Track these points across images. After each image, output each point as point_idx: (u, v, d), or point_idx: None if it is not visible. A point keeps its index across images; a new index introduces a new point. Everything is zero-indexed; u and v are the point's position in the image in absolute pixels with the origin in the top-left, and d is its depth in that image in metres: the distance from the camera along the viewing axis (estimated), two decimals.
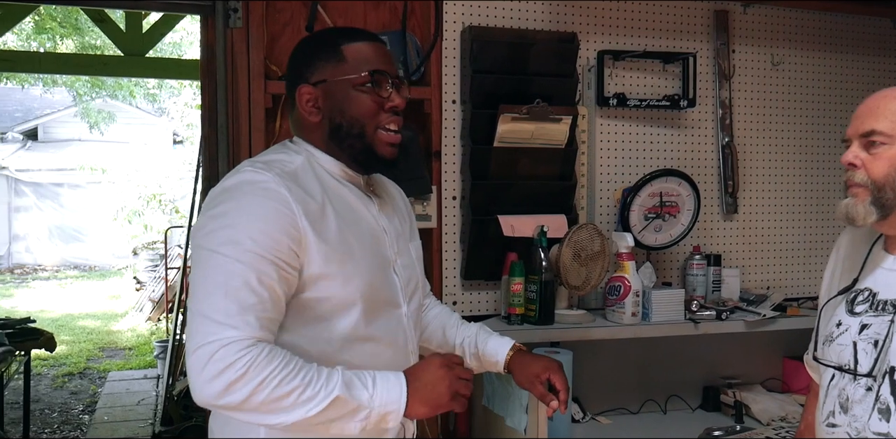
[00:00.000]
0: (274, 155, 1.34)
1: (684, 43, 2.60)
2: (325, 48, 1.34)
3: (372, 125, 1.33)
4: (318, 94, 1.33)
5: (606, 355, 2.52)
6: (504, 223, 2.33)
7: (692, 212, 2.50)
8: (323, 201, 1.27)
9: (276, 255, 1.18)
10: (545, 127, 2.34)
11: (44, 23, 10.59)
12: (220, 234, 1.18)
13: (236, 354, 1.10)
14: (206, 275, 1.17)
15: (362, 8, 2.35)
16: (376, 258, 1.33)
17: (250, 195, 1.20)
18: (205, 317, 1.13)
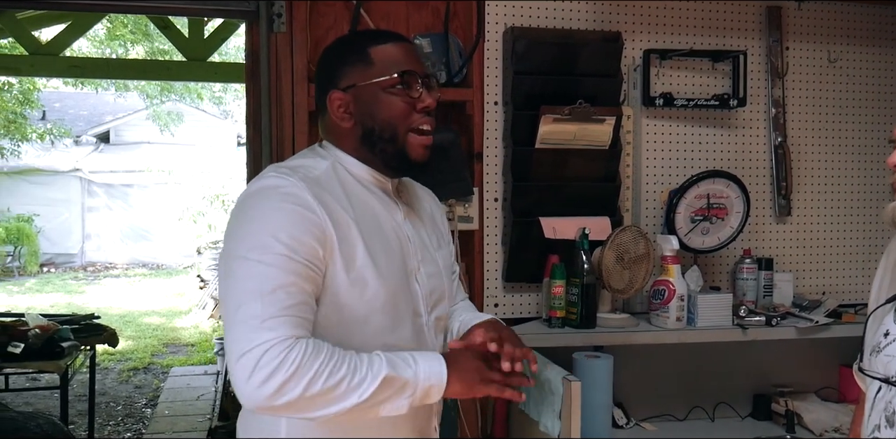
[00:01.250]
0: (300, 160, 1.34)
1: (734, 40, 2.53)
2: (353, 52, 1.33)
3: (404, 127, 1.32)
4: (349, 100, 1.32)
5: (651, 360, 2.47)
6: (546, 225, 2.31)
7: (741, 215, 2.43)
8: (346, 208, 1.26)
9: (305, 257, 1.17)
10: (588, 128, 2.31)
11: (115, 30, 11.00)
12: (248, 240, 1.18)
13: (281, 355, 1.10)
14: (237, 281, 1.17)
15: (405, 10, 2.36)
16: (398, 267, 1.32)
17: (275, 200, 1.20)
18: (243, 324, 1.13)
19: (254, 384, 1.09)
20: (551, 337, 2.21)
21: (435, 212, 1.54)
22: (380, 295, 1.26)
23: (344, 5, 2.31)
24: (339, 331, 1.24)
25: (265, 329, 1.11)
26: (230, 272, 1.18)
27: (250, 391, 1.10)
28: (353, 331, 1.26)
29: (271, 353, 1.10)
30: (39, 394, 5.50)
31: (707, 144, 2.52)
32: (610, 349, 2.29)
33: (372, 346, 1.25)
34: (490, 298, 2.38)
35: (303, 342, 1.13)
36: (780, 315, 2.36)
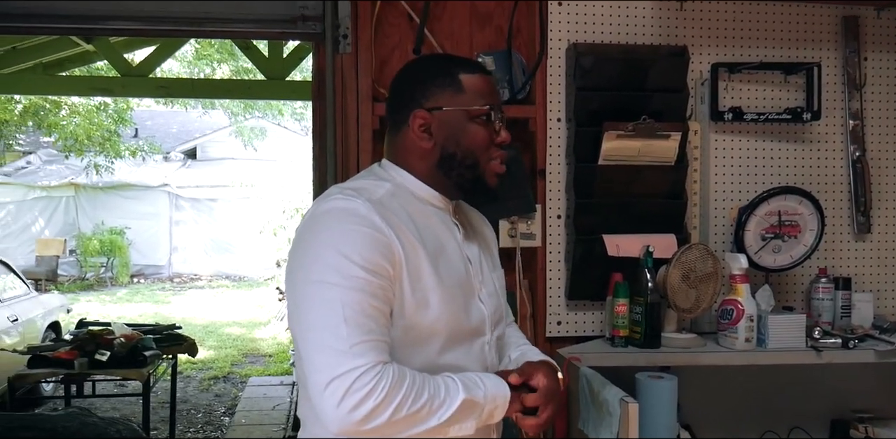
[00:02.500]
0: (362, 181, 1.35)
1: (807, 52, 2.45)
2: (442, 75, 1.34)
3: (485, 157, 1.34)
4: (433, 120, 1.32)
5: (720, 382, 2.39)
6: (609, 242, 2.28)
7: (815, 232, 2.34)
8: (411, 229, 1.26)
9: (377, 279, 1.18)
10: (653, 143, 2.27)
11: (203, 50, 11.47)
12: (323, 264, 1.18)
13: (371, 382, 1.11)
14: (318, 306, 1.16)
15: (468, 29, 2.39)
16: (462, 287, 1.32)
17: (345, 222, 1.20)
18: (329, 349, 1.13)
19: (344, 409, 1.10)
20: (614, 356, 2.18)
21: (487, 234, 1.55)
22: (445, 315, 1.27)
23: (408, 25, 2.35)
24: (406, 351, 1.24)
25: (354, 354, 1.12)
26: (308, 295, 1.18)
27: (341, 416, 1.11)
28: (419, 351, 1.26)
29: (363, 380, 1.10)
30: (126, 400, 5.75)
31: (779, 159, 2.44)
32: (676, 370, 2.23)
33: (435, 365, 1.26)
34: (553, 316, 2.36)
35: (390, 368, 1.14)
36: (858, 337, 2.26)
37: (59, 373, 3.93)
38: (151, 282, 12.82)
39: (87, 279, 12.38)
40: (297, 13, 2.18)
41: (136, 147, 12.08)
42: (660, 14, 2.37)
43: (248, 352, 7.89)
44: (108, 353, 4.00)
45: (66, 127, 10.98)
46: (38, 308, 5.87)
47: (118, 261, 12.43)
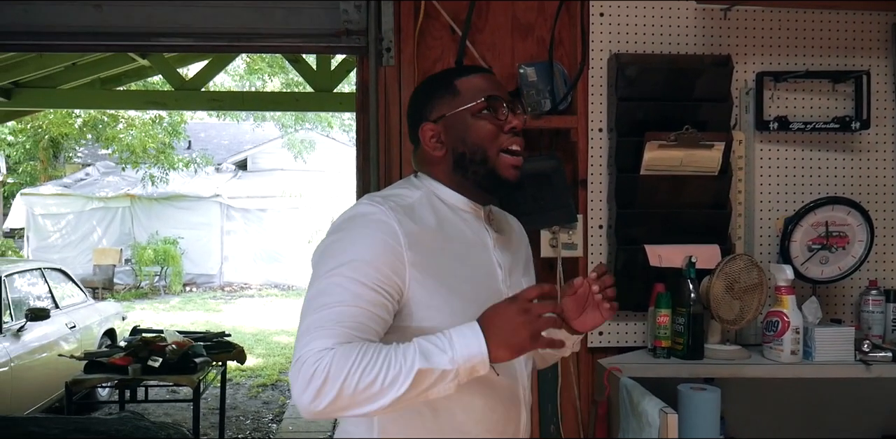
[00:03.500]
0: (395, 189, 1.41)
1: (856, 60, 2.41)
2: (440, 86, 1.41)
3: (494, 148, 1.37)
4: (440, 129, 1.39)
5: (765, 394, 2.36)
6: (651, 253, 2.27)
7: (864, 244, 2.29)
8: (436, 235, 1.31)
9: (377, 283, 1.22)
10: (695, 153, 2.26)
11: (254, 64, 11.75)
12: (330, 262, 1.26)
13: (315, 364, 1.14)
14: (311, 297, 1.24)
15: (510, 40, 2.41)
16: (488, 291, 1.35)
17: (361, 227, 1.27)
18: (301, 334, 1.19)
19: (297, 391, 1.15)
20: (656, 367, 2.16)
21: (523, 240, 1.58)
22: (466, 319, 1.27)
23: (450, 38, 2.39)
24: None
25: (315, 338, 1.17)
26: (311, 286, 1.26)
27: (296, 398, 1.16)
28: None
29: (308, 363, 1.14)
30: (177, 406, 5.87)
31: (826, 169, 2.40)
32: (719, 382, 2.20)
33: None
34: None
35: (335, 349, 1.15)
36: None
37: (113, 379, 4.05)
38: (203, 291, 13.09)
39: (141, 288, 12.71)
40: (341, 28, 2.23)
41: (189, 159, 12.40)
42: (703, 23, 2.36)
43: None
44: (161, 360, 4.12)
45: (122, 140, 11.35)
46: (95, 315, 6.05)
47: (171, 270, 12.73)
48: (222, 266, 13.48)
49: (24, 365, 4.72)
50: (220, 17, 2.20)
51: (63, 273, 6.08)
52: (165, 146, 11.84)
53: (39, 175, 14.34)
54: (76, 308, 5.85)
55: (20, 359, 4.67)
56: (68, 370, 5.20)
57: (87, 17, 2.17)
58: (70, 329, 5.45)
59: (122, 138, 11.36)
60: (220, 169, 14.91)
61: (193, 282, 13.27)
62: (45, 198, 13.06)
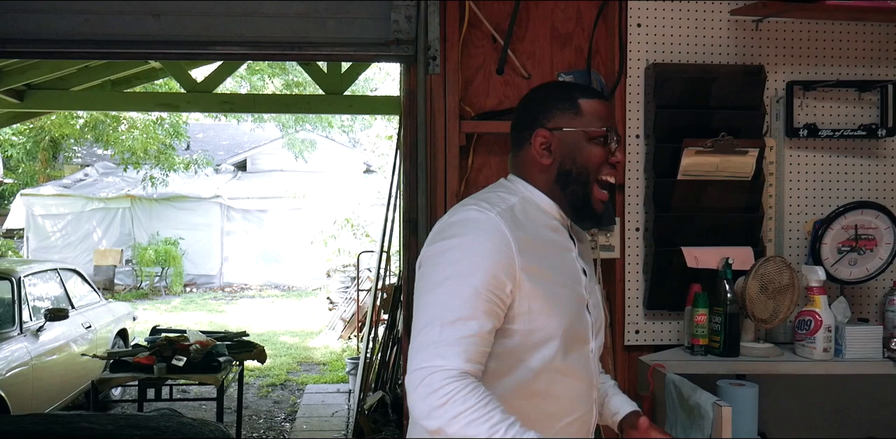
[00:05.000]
0: (493, 194, 1.46)
1: (882, 70, 2.52)
2: (563, 99, 1.47)
3: (595, 175, 1.45)
4: (553, 139, 1.45)
5: (796, 391, 2.45)
6: (688, 254, 2.37)
7: (891, 246, 2.39)
8: (535, 241, 1.38)
9: (493, 291, 1.30)
10: (730, 159, 2.36)
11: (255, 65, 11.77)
12: (446, 269, 1.32)
13: (441, 382, 1.23)
14: (428, 304, 1.32)
15: (549, 49, 2.50)
16: (575, 296, 1.44)
17: (475, 233, 1.34)
18: (422, 345, 1.28)
19: (416, 398, 1.25)
20: (694, 364, 2.25)
21: (591, 251, 1.67)
22: (562, 322, 1.38)
23: (491, 47, 2.48)
24: (522, 354, 1.36)
25: (437, 356, 1.26)
26: (425, 292, 1.34)
27: (413, 402, 1.26)
28: (534, 355, 1.37)
29: (432, 378, 1.24)
30: (188, 405, 5.93)
31: (854, 175, 2.50)
32: (752, 378, 2.30)
33: (548, 369, 1.37)
34: (631, 325, 2.44)
35: (465, 380, 1.24)
36: None
37: (139, 377, 4.11)
38: (203, 292, 13.11)
39: (142, 288, 12.73)
40: (391, 37, 2.31)
41: (189, 160, 12.42)
42: (736, 34, 2.46)
43: (302, 360, 8.06)
44: (185, 359, 4.18)
45: (124, 141, 11.36)
46: (109, 315, 6.10)
47: (172, 270, 12.75)
48: (222, 267, 13.51)
49: (44, 364, 4.77)
50: (274, 26, 2.28)
51: (77, 273, 6.12)
52: (166, 147, 11.85)
53: (38, 175, 14.32)
54: (91, 308, 5.89)
55: (40, 359, 4.72)
56: (84, 369, 5.27)
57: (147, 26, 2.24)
58: (86, 329, 5.50)
59: (124, 140, 11.37)
60: (219, 170, 14.93)
61: (194, 282, 13.30)
62: (44, 199, 13.05)
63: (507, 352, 1.36)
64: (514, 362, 1.36)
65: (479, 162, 2.47)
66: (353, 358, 6.48)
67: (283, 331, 9.56)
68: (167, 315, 10.55)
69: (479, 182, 2.42)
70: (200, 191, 13.57)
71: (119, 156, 11.89)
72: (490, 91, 2.47)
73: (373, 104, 6.91)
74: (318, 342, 8.93)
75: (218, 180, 14.34)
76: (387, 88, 12.41)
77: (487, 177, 2.44)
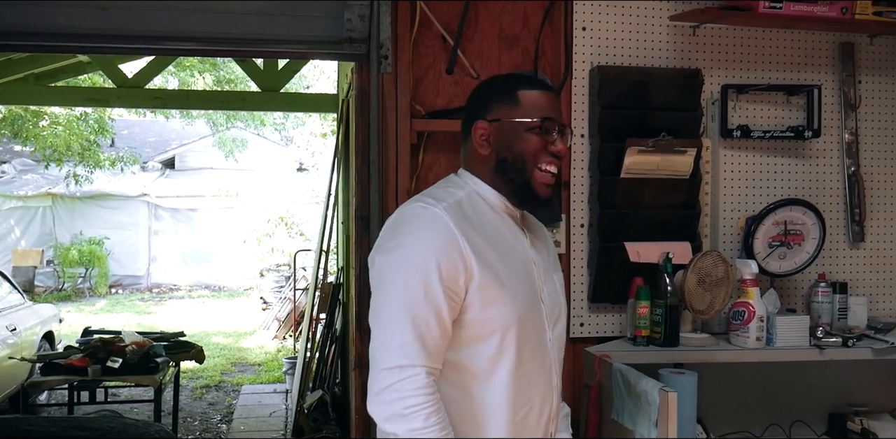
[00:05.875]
0: (441, 190, 1.52)
1: (808, 75, 2.67)
2: (503, 91, 1.52)
3: (532, 162, 1.49)
4: (492, 131, 1.50)
5: (730, 378, 2.58)
6: (630, 249, 2.47)
7: (817, 241, 2.55)
8: (482, 233, 1.43)
9: (446, 285, 1.37)
10: (670, 158, 2.47)
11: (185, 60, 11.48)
12: (399, 267, 1.38)
13: (410, 392, 1.33)
14: (385, 303, 1.39)
15: (497, 50, 2.56)
16: (528, 285, 1.49)
17: (422, 229, 1.40)
18: (385, 342, 1.36)
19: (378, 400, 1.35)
20: (636, 354, 2.35)
21: (549, 241, 1.71)
22: (515, 311, 1.43)
23: (441, 47, 2.52)
24: (479, 343, 1.42)
25: (402, 355, 1.34)
26: (381, 289, 1.41)
27: (371, 401, 1.36)
28: (491, 343, 1.42)
29: (402, 384, 1.33)
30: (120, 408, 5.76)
31: (783, 173, 2.65)
32: (690, 366, 2.41)
33: (506, 358, 1.43)
34: (576, 318, 2.53)
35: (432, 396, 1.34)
36: (856, 336, 2.46)
37: (73, 380, 4.00)
38: (130, 293, 12.75)
39: (64, 290, 12.28)
40: (344, 36, 2.33)
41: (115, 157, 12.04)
42: (675, 39, 2.58)
43: (236, 361, 7.94)
44: (121, 360, 4.09)
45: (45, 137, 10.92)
46: (34, 318, 5.90)
47: (97, 271, 12.35)
48: (150, 267, 13.16)
49: None
50: (225, 22, 2.26)
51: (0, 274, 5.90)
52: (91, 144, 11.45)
53: None
54: (14, 310, 5.68)
55: None
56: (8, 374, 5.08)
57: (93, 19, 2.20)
58: (10, 331, 5.30)
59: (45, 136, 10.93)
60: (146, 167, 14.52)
61: (119, 283, 12.92)
62: None
63: (465, 341, 1.41)
64: (471, 351, 1.41)
65: (429, 160, 2.51)
66: (290, 358, 6.42)
67: (215, 332, 9.39)
68: (93, 317, 10.22)
69: (430, 179, 2.46)
70: (127, 189, 13.19)
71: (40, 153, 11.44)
72: (440, 90, 2.51)
73: (311, 102, 6.86)
74: (251, 342, 8.81)
75: (145, 178, 13.95)
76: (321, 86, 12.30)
77: (437, 175, 2.47)
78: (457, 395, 1.42)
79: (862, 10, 2.46)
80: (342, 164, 4.74)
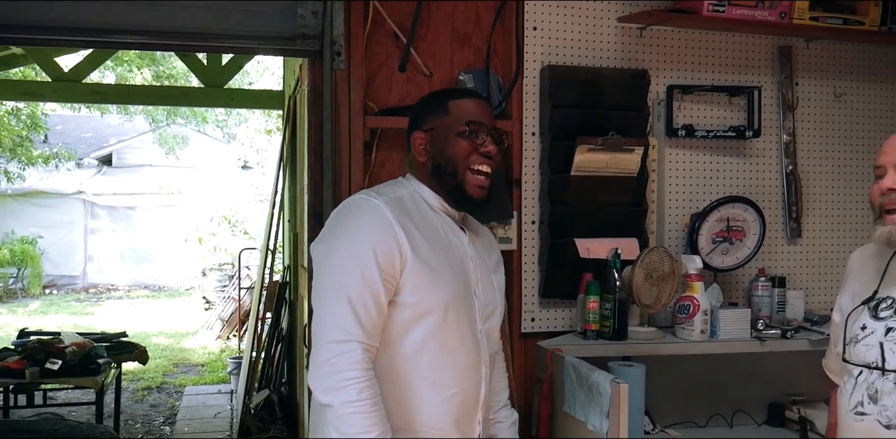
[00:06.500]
0: (386, 187, 1.66)
1: (749, 77, 2.77)
2: (436, 103, 1.68)
3: (463, 165, 1.62)
4: (427, 140, 1.65)
5: (675, 370, 2.65)
6: (580, 246, 2.52)
7: (757, 237, 2.64)
8: (420, 226, 1.55)
9: (381, 267, 1.48)
10: (618, 157, 2.53)
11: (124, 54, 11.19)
12: (338, 250, 1.51)
13: (348, 366, 1.43)
14: (325, 283, 1.51)
15: (449, 49, 2.58)
16: (461, 277, 1.60)
17: (361, 217, 1.53)
18: (325, 320, 1.47)
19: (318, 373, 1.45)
20: (586, 347, 2.41)
21: (494, 246, 1.83)
22: (445, 297, 1.54)
23: (394, 44, 2.53)
24: (409, 325, 1.53)
25: (342, 331, 1.45)
26: (321, 273, 1.53)
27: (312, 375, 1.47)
28: (420, 326, 1.53)
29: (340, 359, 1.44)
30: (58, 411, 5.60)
31: (725, 172, 2.74)
32: (638, 359, 2.48)
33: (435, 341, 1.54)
34: (527, 313, 2.57)
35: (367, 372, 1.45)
36: (794, 328, 2.57)
37: (9, 383, 3.87)
38: (65, 293, 12.38)
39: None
40: (297, 32, 2.32)
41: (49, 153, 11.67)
42: (623, 40, 2.64)
43: (178, 362, 7.79)
44: (60, 362, 3.97)
45: None
46: None
47: (29, 271, 11.94)
48: (86, 266, 12.80)
49: None
50: (175, 16, 2.23)
51: None
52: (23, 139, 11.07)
53: None
54: None
55: None
56: None
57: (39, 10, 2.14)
58: None
59: None
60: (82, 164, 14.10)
61: (54, 283, 12.52)
62: None
63: (396, 323, 1.53)
64: (402, 332, 1.53)
65: (381, 157, 2.51)
66: (235, 358, 6.33)
67: (155, 333, 9.19)
68: (26, 319, 9.88)
69: (383, 176, 2.46)
70: (61, 186, 12.80)
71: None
72: (393, 88, 2.52)
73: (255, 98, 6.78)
74: (194, 343, 8.65)
75: (81, 175, 13.55)
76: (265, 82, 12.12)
77: (390, 172, 2.48)
78: (384, 373, 1.52)
79: (799, 15, 2.57)
80: (289, 162, 4.69)
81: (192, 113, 11.80)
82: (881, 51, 2.90)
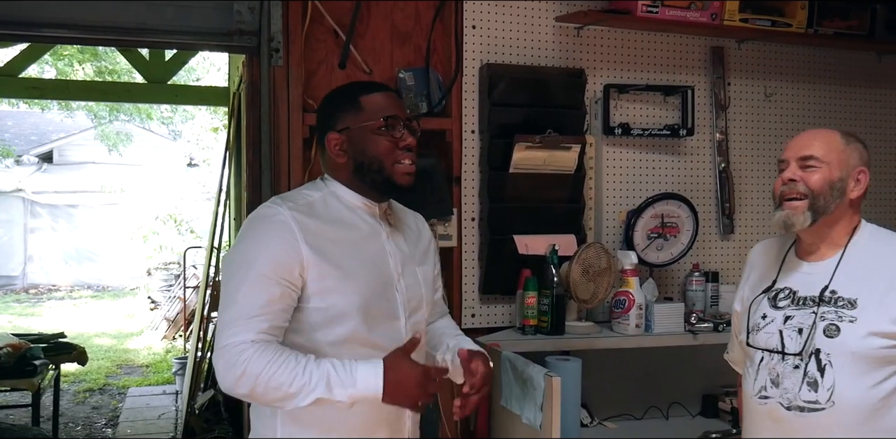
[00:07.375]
0: (298, 192, 1.63)
1: (683, 76, 2.84)
2: (346, 100, 1.61)
3: (389, 161, 1.59)
4: (343, 140, 1.59)
5: (612, 364, 2.71)
6: (519, 242, 2.55)
7: (691, 233, 2.72)
8: (329, 229, 1.54)
9: (281, 276, 1.46)
10: (556, 154, 2.57)
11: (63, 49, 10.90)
12: (238, 259, 1.50)
13: (236, 356, 1.40)
14: (226, 291, 1.49)
15: (389, 46, 2.59)
16: (377, 277, 1.58)
17: (262, 226, 1.51)
18: (222, 324, 1.45)
19: (220, 374, 1.42)
20: (525, 343, 2.44)
21: (423, 234, 1.79)
22: (358, 299, 1.53)
23: (334, 41, 2.53)
24: (322, 330, 1.52)
25: (233, 332, 1.43)
26: (224, 281, 1.53)
27: (220, 380, 1.43)
28: (334, 330, 1.52)
29: (229, 352, 1.41)
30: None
31: (660, 169, 2.81)
32: (575, 354, 2.53)
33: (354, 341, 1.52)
34: (467, 309, 2.60)
35: (254, 346, 1.41)
36: (725, 322, 2.64)
37: None
38: (4, 294, 11.99)
39: None
40: (234, 28, 2.30)
41: None
42: (561, 39, 2.68)
43: (121, 363, 7.64)
44: None
45: None
46: None
47: None
48: (26, 266, 12.42)
49: None
50: (109, 10, 2.19)
51: None
52: None
53: None
54: None
55: None
56: None
57: None
58: None
59: None
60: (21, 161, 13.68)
61: None
62: None
63: (308, 328, 1.52)
64: (316, 337, 1.52)
65: None
66: (180, 358, 6.23)
67: (98, 334, 8.98)
68: None
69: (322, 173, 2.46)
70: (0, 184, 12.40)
71: None
72: (333, 84, 2.50)
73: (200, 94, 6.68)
74: (138, 343, 8.48)
75: (20, 172, 13.14)
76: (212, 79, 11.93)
77: None
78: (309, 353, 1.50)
79: (730, 17, 2.64)
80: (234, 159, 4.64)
81: (136, 109, 11.52)
82: (809, 52, 3.00)
